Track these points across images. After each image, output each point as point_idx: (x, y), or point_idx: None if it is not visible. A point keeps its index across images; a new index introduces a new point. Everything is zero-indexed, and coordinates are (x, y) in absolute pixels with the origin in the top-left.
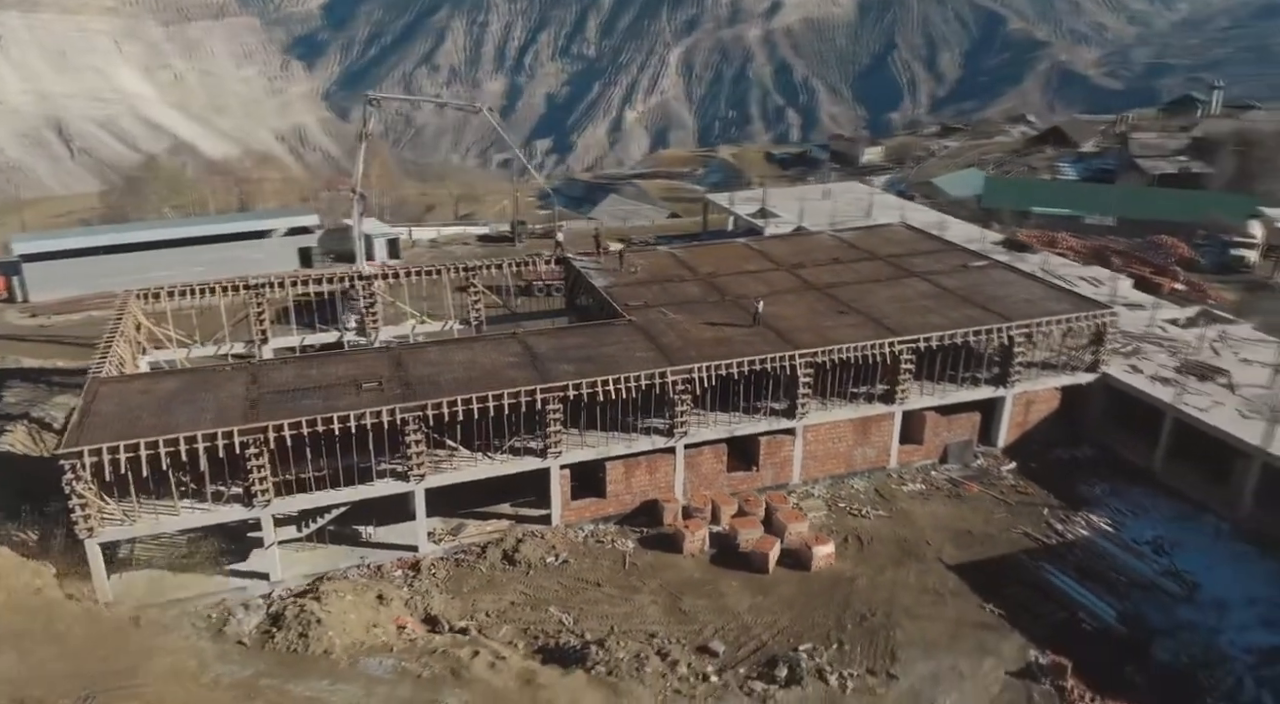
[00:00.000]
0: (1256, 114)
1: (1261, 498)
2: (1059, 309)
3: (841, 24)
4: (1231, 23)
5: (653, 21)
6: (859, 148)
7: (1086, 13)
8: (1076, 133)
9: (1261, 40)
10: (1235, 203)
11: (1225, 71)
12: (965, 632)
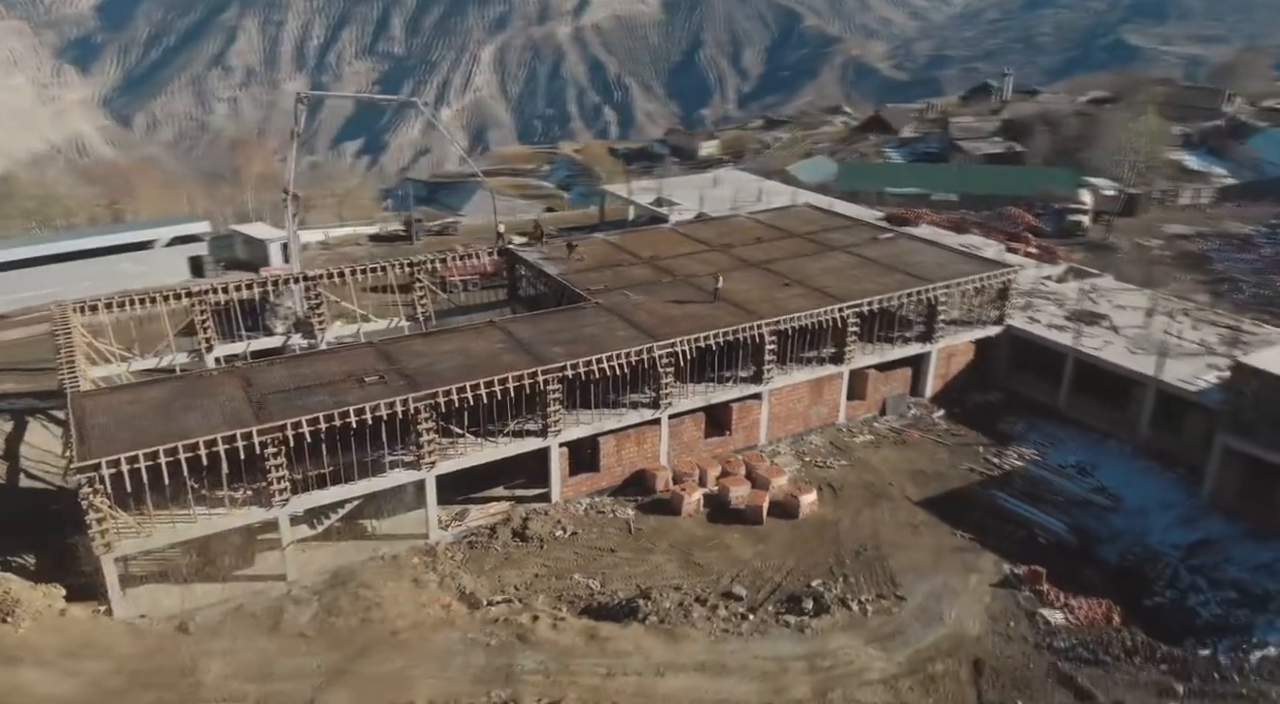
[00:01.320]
0: (1046, 97)
1: (1156, 420)
2: (969, 270)
3: (650, 22)
4: (1001, 15)
5: (461, 19)
6: (696, 142)
7: (873, 9)
8: (895, 120)
9: (1027, 31)
10: (1063, 175)
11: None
12: (946, 556)
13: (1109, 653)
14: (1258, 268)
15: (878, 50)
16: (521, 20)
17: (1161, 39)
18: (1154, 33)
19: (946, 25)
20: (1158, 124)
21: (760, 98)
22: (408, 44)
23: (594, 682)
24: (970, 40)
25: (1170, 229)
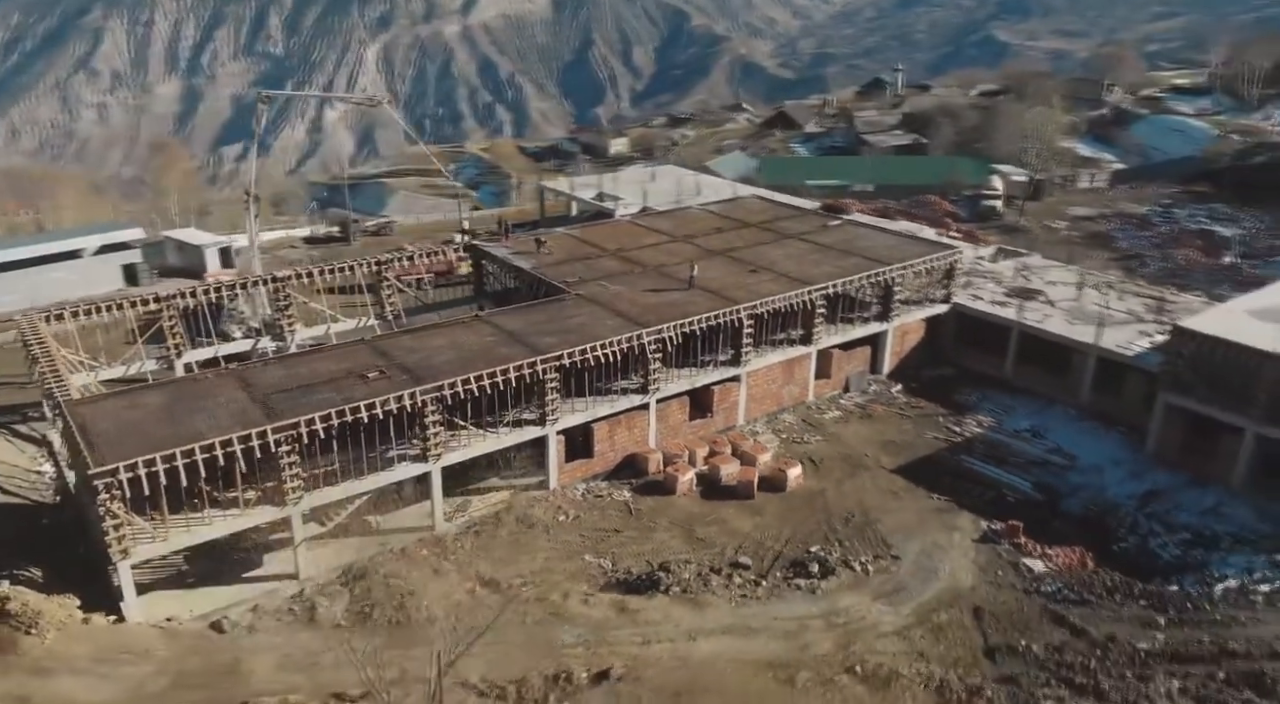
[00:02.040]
0: (939, 91)
1: (1096, 384)
2: (918, 252)
3: (539, 20)
4: (877, 13)
5: (343, 18)
6: (606, 139)
7: (758, 8)
8: (799, 116)
9: (903, 29)
10: (973, 165)
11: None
12: (927, 517)
13: (1092, 593)
14: (1158, 244)
15: (764, 49)
16: (406, 19)
17: (1028, 34)
18: (1021, 29)
19: (828, 24)
20: (1060, 113)
21: (653, 96)
22: (286, 44)
23: (632, 650)
24: (851, 38)
25: (1074, 211)
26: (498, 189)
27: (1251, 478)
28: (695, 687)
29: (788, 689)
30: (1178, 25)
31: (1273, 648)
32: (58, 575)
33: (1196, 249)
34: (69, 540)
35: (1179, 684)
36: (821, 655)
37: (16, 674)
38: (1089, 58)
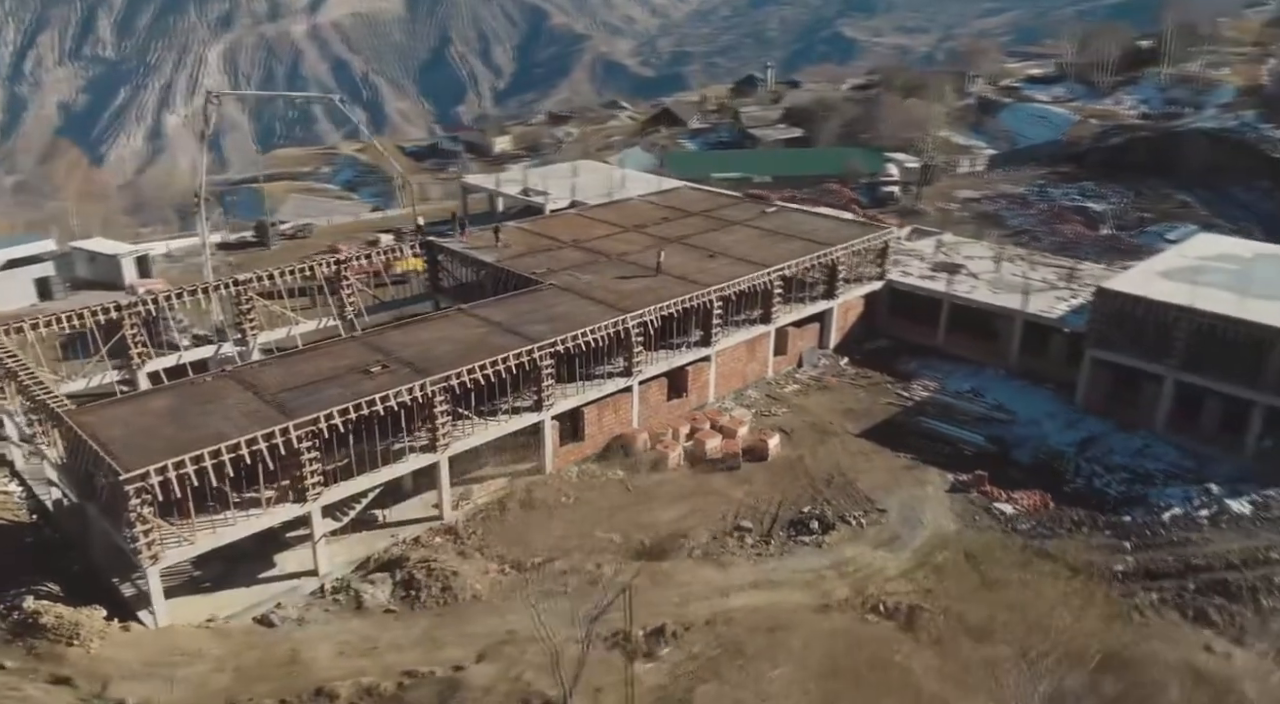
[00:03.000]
0: (812, 86)
1: (1024, 346)
2: (855, 234)
3: (393, 19)
4: (732, 12)
5: (181, 18)
6: (490, 138)
7: (616, 7)
8: (682, 112)
9: (756, 27)
10: (867, 154)
11: (733, 55)
12: (899, 474)
13: (1062, 528)
14: (1043, 220)
15: (624, 47)
16: (249, 18)
17: (873, 31)
18: (866, 26)
19: (685, 22)
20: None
21: (516, 94)
22: (119, 47)
23: (673, 610)
24: (708, 36)
25: (961, 194)
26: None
27: (1172, 420)
28: (778, 625)
29: (840, 624)
30: (1006, 21)
31: (1229, 560)
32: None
33: (1077, 224)
34: (62, 558)
35: (1156, 596)
36: (844, 599)
37: (79, 683)
38: (964, 51)
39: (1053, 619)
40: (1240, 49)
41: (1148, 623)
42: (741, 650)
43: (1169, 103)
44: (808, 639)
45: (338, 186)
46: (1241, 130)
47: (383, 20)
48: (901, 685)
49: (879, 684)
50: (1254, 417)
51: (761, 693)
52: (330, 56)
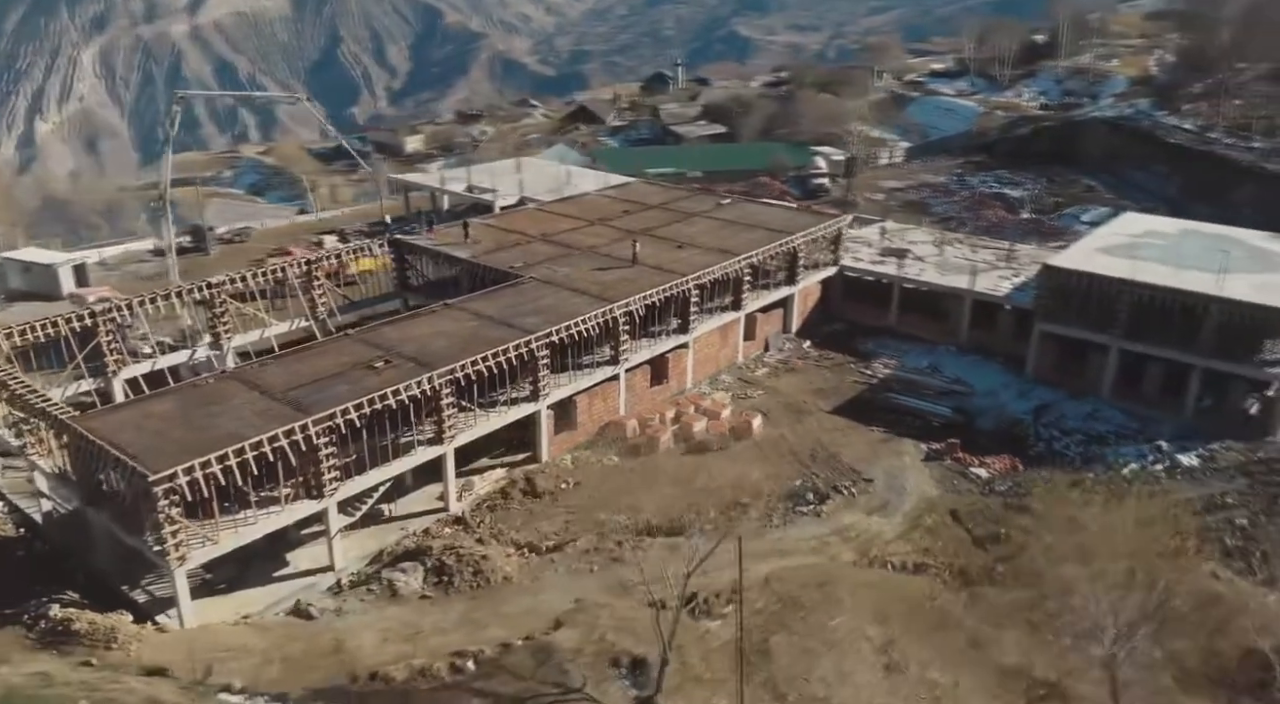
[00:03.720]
0: (724, 83)
1: (973, 324)
2: (811, 222)
3: (278, 18)
4: (629, 11)
5: (52, 20)
6: (401, 137)
7: (511, 5)
8: (599, 110)
9: (653, 26)
10: (793, 149)
11: (632, 54)
12: (877, 446)
13: (1036, 487)
14: (967, 207)
15: (521, 46)
16: (125, 19)
17: (767, 30)
18: (760, 24)
19: (582, 21)
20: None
21: (413, 93)
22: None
23: (699, 580)
24: (605, 35)
25: (886, 185)
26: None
27: (1117, 386)
28: (827, 580)
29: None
30: (892, 19)
31: (1192, 508)
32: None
33: (999, 209)
34: (61, 568)
35: None
36: (852, 562)
37: (131, 682)
38: (869, 46)
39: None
40: (1128, 42)
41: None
42: (800, 604)
43: (1066, 94)
44: (854, 591)
45: (242, 191)
46: (1137, 118)
47: (267, 19)
48: (945, 625)
49: (926, 625)
50: (1192, 379)
51: (827, 640)
52: (213, 58)
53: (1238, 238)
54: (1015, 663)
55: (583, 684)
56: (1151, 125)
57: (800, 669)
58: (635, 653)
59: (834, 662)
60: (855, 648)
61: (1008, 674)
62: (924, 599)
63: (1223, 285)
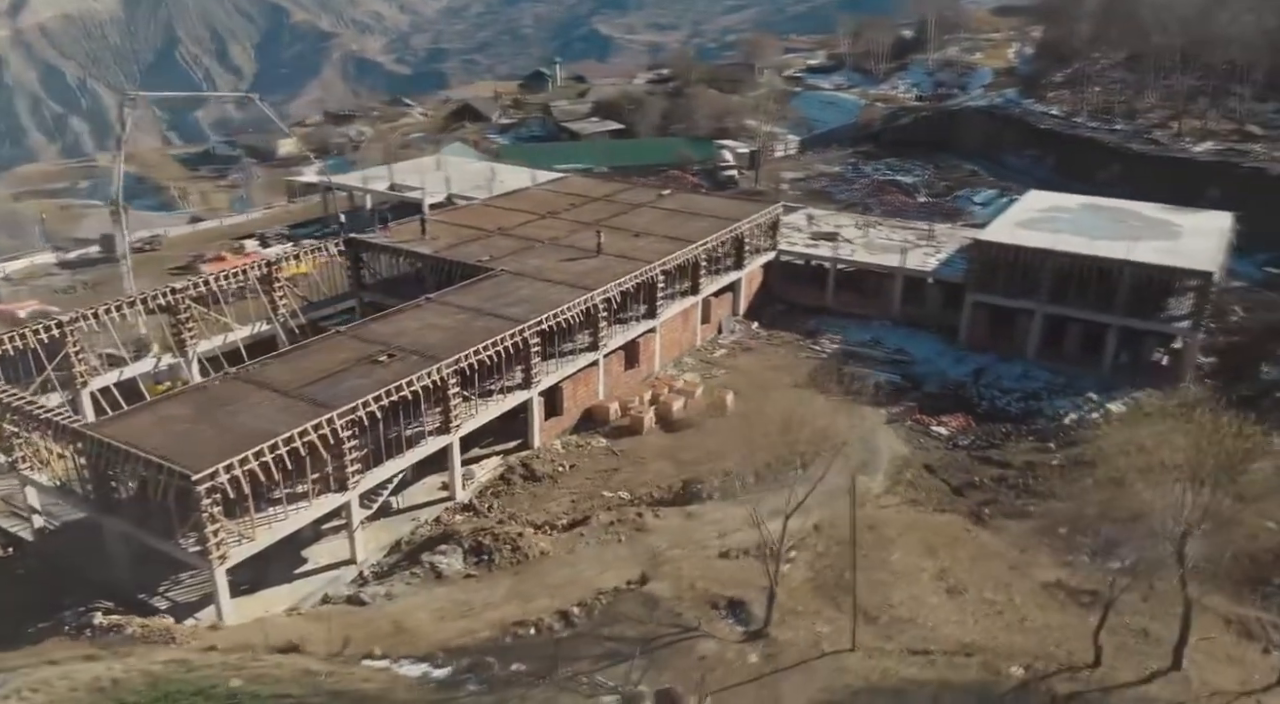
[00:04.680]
0: (602, 81)
1: (904, 299)
2: (751, 210)
3: (109, 20)
4: (486, 9)
5: None
6: (274, 141)
7: (362, 3)
8: (484, 108)
9: (511, 24)
10: (697, 143)
11: (491, 53)
12: (843, 412)
13: (995, 440)
14: (868, 193)
15: (375, 45)
16: None
17: (627, 28)
18: (619, 23)
19: (438, 19)
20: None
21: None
22: None
23: (719, 542)
24: (463, 33)
25: (787, 175)
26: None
27: (1042, 348)
28: (872, 523)
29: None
30: (748, 17)
31: (1135, 445)
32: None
33: (897, 194)
34: (68, 585)
35: (1093, 479)
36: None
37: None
38: (749, 43)
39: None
40: (989, 36)
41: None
42: (859, 544)
43: (938, 85)
44: (900, 531)
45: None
46: (1007, 106)
47: (97, 22)
48: (984, 554)
49: (968, 555)
50: (1109, 338)
51: (893, 572)
52: (38, 62)
53: (1133, 210)
54: (1052, 578)
55: (698, 624)
56: (1021, 112)
57: (879, 597)
58: (728, 596)
59: (905, 589)
60: (917, 577)
61: (1049, 588)
62: (959, 533)
63: (1132, 251)
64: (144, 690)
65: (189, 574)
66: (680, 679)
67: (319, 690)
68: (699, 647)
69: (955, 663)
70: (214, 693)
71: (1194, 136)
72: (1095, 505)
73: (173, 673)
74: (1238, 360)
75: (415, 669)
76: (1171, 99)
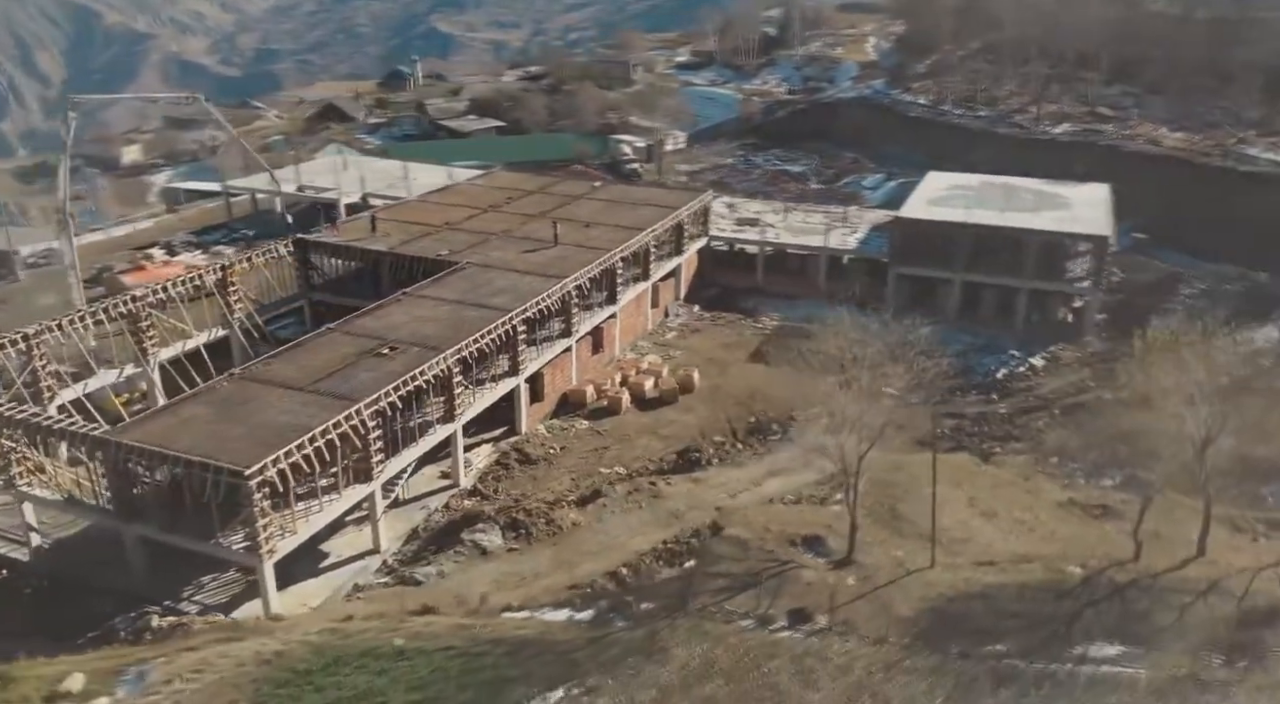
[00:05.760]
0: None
1: (829, 276)
2: (684, 199)
3: None
4: (318, 7)
5: None
6: (117, 148)
7: (180, 2)
8: (349, 108)
9: (346, 23)
10: (592, 138)
11: (327, 52)
12: (799, 382)
13: (942, 396)
14: (765, 182)
15: (198, 46)
16: None
17: (467, 26)
18: (459, 20)
19: (266, 19)
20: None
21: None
22: None
23: (729, 502)
24: (293, 33)
25: (683, 167)
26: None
27: (961, 313)
28: (897, 465)
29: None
30: (589, 15)
31: (1065, 392)
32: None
33: (792, 182)
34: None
35: (1043, 421)
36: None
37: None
38: (619, 41)
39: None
40: (848, 31)
41: (1046, 434)
42: (892, 483)
43: (806, 80)
44: (924, 469)
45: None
46: (877, 97)
47: None
48: (999, 482)
49: (987, 484)
50: (1019, 300)
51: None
52: None
53: (1024, 185)
54: (1064, 498)
55: (790, 558)
56: (891, 102)
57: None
58: (801, 534)
59: (949, 516)
60: (954, 506)
61: (1063, 507)
62: (972, 468)
63: (1037, 221)
64: (311, 658)
65: (210, 577)
66: (797, 601)
67: (479, 640)
68: (800, 576)
69: (1021, 569)
70: (381, 653)
71: (1052, 120)
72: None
73: (330, 641)
74: (1128, 315)
75: (558, 614)
76: (1028, 86)
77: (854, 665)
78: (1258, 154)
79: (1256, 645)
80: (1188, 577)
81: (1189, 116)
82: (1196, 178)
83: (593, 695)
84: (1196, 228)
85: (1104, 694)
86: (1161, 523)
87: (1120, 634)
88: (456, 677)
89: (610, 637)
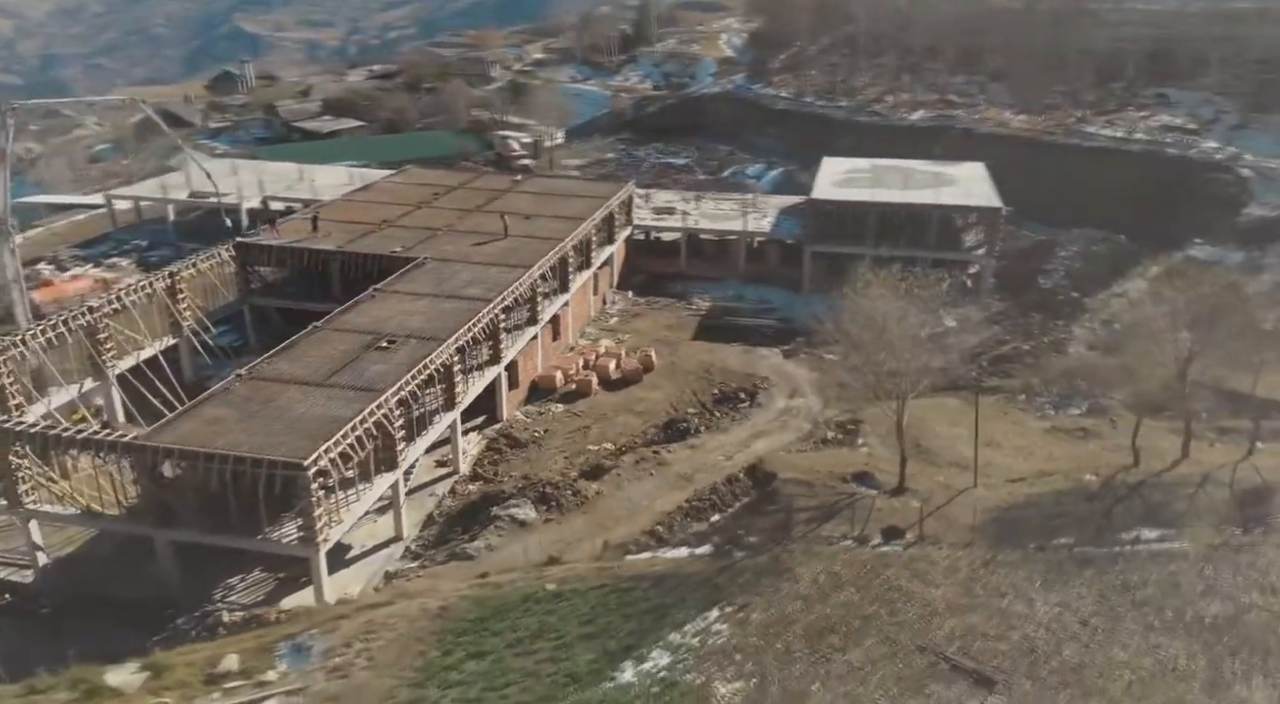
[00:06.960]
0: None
1: (748, 258)
2: (609, 191)
3: None
4: (106, 8)
5: None
6: None
7: None
8: (186, 112)
9: (140, 24)
10: (473, 137)
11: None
12: (746, 355)
13: None
14: (654, 175)
15: None
16: None
17: (276, 25)
18: (266, 19)
19: (49, 22)
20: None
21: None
22: None
23: (727, 463)
24: (81, 37)
25: (570, 162)
26: None
27: None
28: (921, 417)
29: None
30: (408, 14)
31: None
32: None
33: (679, 174)
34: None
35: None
36: (823, 429)
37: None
38: (474, 39)
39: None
40: (701, 28)
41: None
42: (907, 425)
43: (666, 76)
44: (925, 412)
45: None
46: (740, 91)
47: None
48: (987, 417)
49: (980, 418)
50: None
51: (945, 437)
52: None
53: (911, 166)
54: (1047, 426)
55: (853, 492)
56: (755, 96)
57: (954, 453)
58: (848, 472)
59: (963, 447)
60: (963, 438)
61: (1048, 433)
62: (962, 406)
63: (937, 197)
64: (476, 609)
65: (239, 578)
66: (883, 522)
67: (622, 578)
68: (871, 503)
69: (1047, 482)
70: (539, 597)
71: (907, 108)
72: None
73: (486, 594)
74: (1013, 279)
75: (679, 552)
76: (882, 77)
77: (959, 565)
78: (1096, 131)
79: (1262, 517)
80: (1182, 473)
81: (1031, 100)
82: (1045, 155)
83: (746, 611)
84: (1051, 200)
85: (1165, 564)
86: (1129, 438)
87: (1151, 520)
88: (617, 609)
89: (738, 565)
